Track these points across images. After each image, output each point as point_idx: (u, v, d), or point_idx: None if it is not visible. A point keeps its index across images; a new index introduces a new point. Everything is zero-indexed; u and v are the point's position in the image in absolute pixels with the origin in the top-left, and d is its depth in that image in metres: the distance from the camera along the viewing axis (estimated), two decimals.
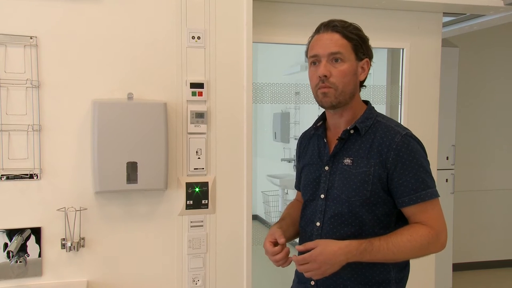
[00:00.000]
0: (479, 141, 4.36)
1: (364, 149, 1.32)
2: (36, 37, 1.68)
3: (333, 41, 1.31)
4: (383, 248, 1.22)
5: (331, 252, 1.21)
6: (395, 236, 1.24)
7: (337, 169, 1.35)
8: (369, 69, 1.38)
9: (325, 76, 1.30)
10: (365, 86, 1.41)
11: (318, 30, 1.37)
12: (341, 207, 1.32)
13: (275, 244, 1.35)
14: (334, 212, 1.33)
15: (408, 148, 1.28)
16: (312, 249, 1.23)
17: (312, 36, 1.39)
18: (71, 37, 1.72)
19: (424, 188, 1.26)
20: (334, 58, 1.30)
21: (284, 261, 1.33)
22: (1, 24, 1.65)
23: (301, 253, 1.32)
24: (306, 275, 1.26)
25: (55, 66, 1.70)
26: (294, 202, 1.62)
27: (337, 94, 1.31)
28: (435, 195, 1.28)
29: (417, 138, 1.33)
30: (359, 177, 1.30)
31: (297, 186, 1.59)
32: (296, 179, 1.60)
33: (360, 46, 1.34)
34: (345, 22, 1.35)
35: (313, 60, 1.35)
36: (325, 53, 1.31)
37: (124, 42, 1.77)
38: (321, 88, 1.32)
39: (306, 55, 1.41)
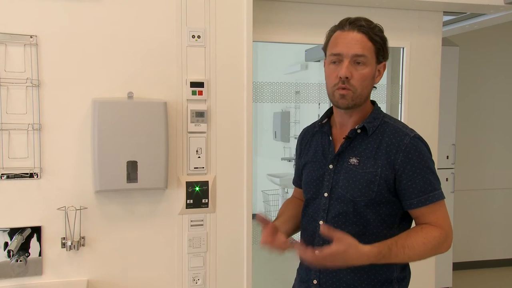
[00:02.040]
0: (479, 140, 4.36)
1: (371, 149, 1.31)
2: (36, 36, 1.68)
3: (359, 42, 1.27)
4: (400, 253, 1.22)
5: (352, 257, 1.17)
6: (410, 239, 1.24)
7: (342, 168, 1.34)
8: (383, 72, 1.36)
9: (347, 78, 1.27)
10: (375, 87, 1.39)
11: (342, 27, 1.31)
12: (345, 206, 1.31)
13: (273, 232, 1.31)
14: (339, 211, 1.32)
15: (417, 150, 1.27)
16: (332, 239, 1.16)
17: (333, 31, 1.34)
18: (71, 36, 1.72)
19: (431, 190, 1.27)
20: (357, 60, 1.28)
21: (284, 248, 1.29)
22: (1, 23, 1.65)
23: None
24: (320, 265, 1.21)
25: (55, 65, 1.70)
26: (291, 198, 1.61)
27: (355, 97, 1.29)
28: (441, 196, 1.29)
29: (424, 140, 1.32)
30: (365, 177, 1.29)
31: (296, 182, 1.58)
32: (295, 175, 1.58)
33: (382, 49, 1.32)
34: (371, 22, 1.31)
35: (334, 58, 1.30)
36: (349, 53, 1.27)
37: (124, 41, 1.77)
38: (340, 89, 1.29)
39: (324, 50, 1.37)
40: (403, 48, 2.36)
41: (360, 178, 1.30)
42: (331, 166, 1.37)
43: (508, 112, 4.43)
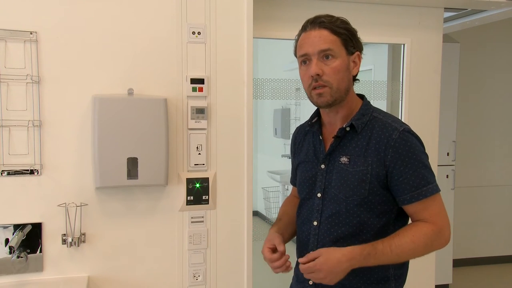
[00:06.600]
0: (479, 137, 4.36)
1: (361, 147, 1.29)
2: (36, 32, 1.68)
3: (322, 38, 1.27)
4: (386, 251, 1.20)
5: (335, 259, 1.19)
6: (398, 237, 1.22)
7: (334, 168, 1.32)
8: (360, 62, 1.35)
9: (318, 74, 1.27)
10: (358, 80, 1.38)
11: (304, 28, 1.33)
12: (338, 206, 1.30)
13: (274, 250, 1.34)
14: (332, 212, 1.31)
15: (407, 144, 1.25)
16: (316, 258, 1.21)
17: (299, 35, 1.35)
18: (71, 32, 1.71)
19: (424, 184, 1.25)
20: (325, 55, 1.27)
21: (285, 268, 1.32)
22: (1, 19, 1.64)
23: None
24: (315, 281, 1.25)
25: (55, 62, 1.70)
26: (290, 198, 1.60)
27: (333, 92, 1.28)
28: (436, 190, 1.26)
29: (415, 133, 1.30)
30: (356, 176, 1.28)
31: (293, 182, 1.57)
32: (291, 174, 1.58)
33: (350, 40, 1.30)
34: (332, 16, 1.31)
35: (303, 59, 1.31)
36: (315, 51, 1.27)
37: (125, 38, 1.76)
38: (315, 88, 1.28)
39: (295, 55, 1.37)
40: (403, 44, 2.36)
41: (351, 177, 1.28)
42: (323, 166, 1.35)
43: (508, 108, 4.43)
